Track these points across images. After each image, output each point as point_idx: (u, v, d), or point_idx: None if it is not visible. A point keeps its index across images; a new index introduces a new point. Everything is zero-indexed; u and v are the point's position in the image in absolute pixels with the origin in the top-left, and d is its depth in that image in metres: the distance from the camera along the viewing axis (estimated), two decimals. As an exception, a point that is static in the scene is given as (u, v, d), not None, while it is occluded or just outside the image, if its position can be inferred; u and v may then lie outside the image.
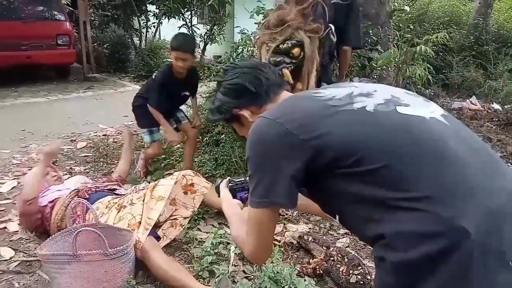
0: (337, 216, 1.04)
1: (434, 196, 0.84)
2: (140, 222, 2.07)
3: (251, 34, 3.94)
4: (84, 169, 3.42)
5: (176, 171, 2.80)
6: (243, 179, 1.43)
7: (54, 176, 2.60)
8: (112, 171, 3.02)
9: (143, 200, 2.18)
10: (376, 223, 0.90)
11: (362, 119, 0.96)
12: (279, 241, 2.38)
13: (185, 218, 2.41)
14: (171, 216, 2.39)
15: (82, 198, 2.31)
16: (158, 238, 2.21)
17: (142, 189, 2.34)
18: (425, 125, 0.95)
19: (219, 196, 1.46)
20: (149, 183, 2.49)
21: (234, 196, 1.40)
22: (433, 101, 1.14)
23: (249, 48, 3.88)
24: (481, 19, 7.43)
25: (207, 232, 2.43)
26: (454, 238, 0.81)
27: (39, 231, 2.39)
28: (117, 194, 2.44)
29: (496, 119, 4.90)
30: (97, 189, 2.43)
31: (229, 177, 1.48)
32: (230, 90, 1.22)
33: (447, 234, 0.81)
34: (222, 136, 3.46)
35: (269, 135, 1.01)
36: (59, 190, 2.43)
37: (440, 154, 0.89)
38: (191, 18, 9.66)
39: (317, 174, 0.98)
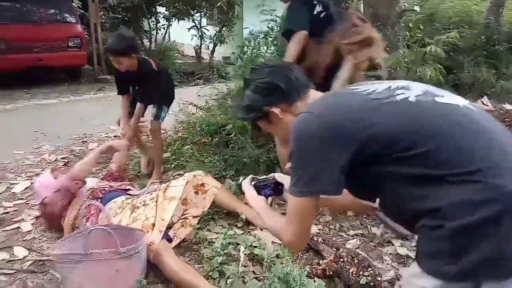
0: (377, 200, 1.12)
1: (485, 168, 0.94)
2: (153, 224, 2.09)
3: (260, 33, 3.95)
4: (96, 170, 3.46)
5: (185, 172, 2.81)
6: (265, 176, 1.52)
7: None
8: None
9: (156, 201, 2.21)
10: (428, 199, 0.97)
11: (407, 109, 1.05)
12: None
13: (195, 217, 2.43)
14: (182, 215, 2.41)
15: (96, 197, 2.36)
16: (170, 240, 2.23)
17: (155, 190, 2.37)
18: (461, 111, 1.05)
19: (241, 193, 1.52)
20: (161, 184, 2.51)
21: (258, 193, 1.46)
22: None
23: (254, 50, 3.88)
24: (492, 18, 7.33)
25: (217, 233, 2.44)
26: (507, 202, 0.90)
27: (54, 222, 2.45)
28: (130, 195, 2.47)
29: (508, 120, 4.84)
30: (111, 189, 2.46)
31: (251, 175, 1.54)
32: (261, 88, 1.27)
33: (501, 199, 0.91)
34: (231, 137, 3.47)
35: (316, 129, 1.07)
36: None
37: (480, 134, 1.00)
38: (200, 20, 9.73)
39: (363, 162, 1.05)
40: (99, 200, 2.35)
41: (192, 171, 2.66)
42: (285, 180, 1.50)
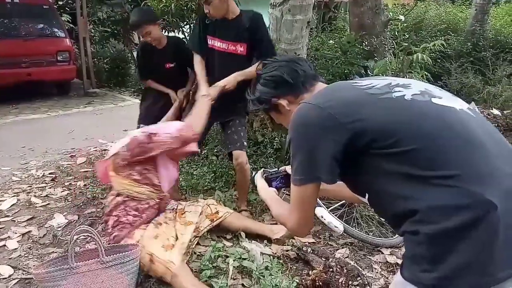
0: (366, 195, 1.14)
1: (463, 174, 0.95)
2: (173, 245, 2.11)
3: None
4: (84, 185, 3.42)
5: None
6: (276, 169, 1.62)
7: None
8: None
9: (174, 225, 2.28)
10: (408, 199, 0.99)
11: (400, 106, 1.08)
12: (277, 253, 2.36)
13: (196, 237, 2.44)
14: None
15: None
16: None
17: (173, 210, 2.42)
18: (456, 115, 1.06)
19: (254, 186, 1.61)
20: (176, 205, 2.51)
21: (269, 185, 1.56)
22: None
23: None
24: (478, 25, 7.45)
25: (206, 246, 2.42)
26: (483, 209, 0.91)
27: (131, 159, 2.18)
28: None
29: (496, 125, 4.89)
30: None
31: (263, 168, 1.66)
32: (269, 81, 1.35)
33: (477, 206, 0.91)
34: (220, 148, 3.46)
35: (311, 118, 1.12)
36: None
37: (468, 140, 1.00)
38: (190, 32, 9.74)
39: (353, 154, 1.08)
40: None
41: (205, 199, 2.65)
42: None
